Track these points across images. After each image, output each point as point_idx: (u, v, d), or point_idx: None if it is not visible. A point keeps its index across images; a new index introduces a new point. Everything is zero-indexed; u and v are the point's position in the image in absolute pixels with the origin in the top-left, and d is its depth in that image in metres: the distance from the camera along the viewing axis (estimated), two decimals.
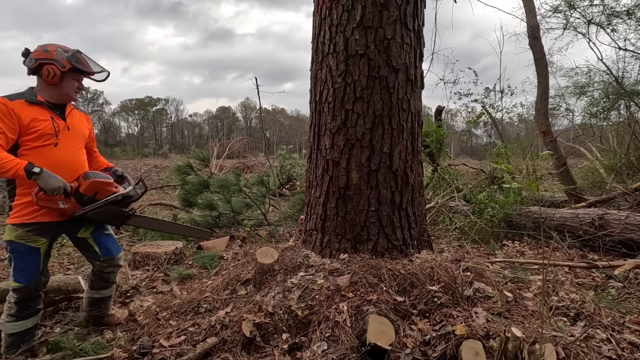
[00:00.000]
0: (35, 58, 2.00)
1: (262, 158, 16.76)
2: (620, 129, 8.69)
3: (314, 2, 2.63)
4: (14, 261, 2.01)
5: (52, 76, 2.00)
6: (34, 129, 1.95)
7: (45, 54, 2.00)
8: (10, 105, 1.90)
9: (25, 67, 2.03)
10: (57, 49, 2.04)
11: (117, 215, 2.21)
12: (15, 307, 2.03)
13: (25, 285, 2.02)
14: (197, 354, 1.85)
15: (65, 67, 2.02)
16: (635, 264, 2.96)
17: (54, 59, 2.00)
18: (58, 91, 2.07)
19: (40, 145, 1.98)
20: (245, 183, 5.65)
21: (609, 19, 7.83)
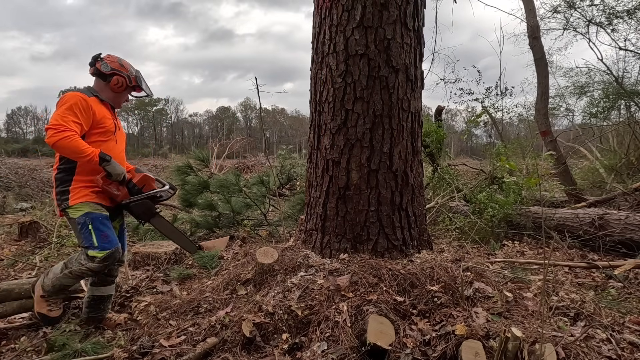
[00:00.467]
0: (111, 66, 2.31)
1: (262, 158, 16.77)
2: (620, 129, 8.69)
3: (314, 2, 2.63)
4: (95, 231, 2.18)
5: (119, 86, 2.33)
6: (103, 125, 2.24)
7: (121, 67, 2.34)
8: (89, 101, 2.17)
9: (92, 67, 2.31)
10: (130, 66, 2.40)
11: (149, 210, 2.44)
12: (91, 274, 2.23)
13: (114, 249, 2.22)
14: (197, 354, 1.85)
15: (131, 83, 2.36)
16: (635, 264, 2.96)
17: (127, 74, 2.35)
18: (115, 98, 2.38)
19: (105, 140, 2.27)
20: (245, 183, 5.65)
21: (609, 19, 7.83)
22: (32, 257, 4.08)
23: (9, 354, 2.16)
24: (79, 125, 2.10)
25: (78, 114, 2.10)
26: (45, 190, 7.66)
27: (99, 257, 2.17)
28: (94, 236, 2.17)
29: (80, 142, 2.05)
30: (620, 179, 6.35)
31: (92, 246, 2.18)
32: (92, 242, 2.18)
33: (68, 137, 2.01)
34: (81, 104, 2.12)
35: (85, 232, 2.18)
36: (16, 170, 8.51)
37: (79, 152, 2.05)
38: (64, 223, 5.02)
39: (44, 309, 2.28)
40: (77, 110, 2.10)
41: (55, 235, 4.54)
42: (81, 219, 2.18)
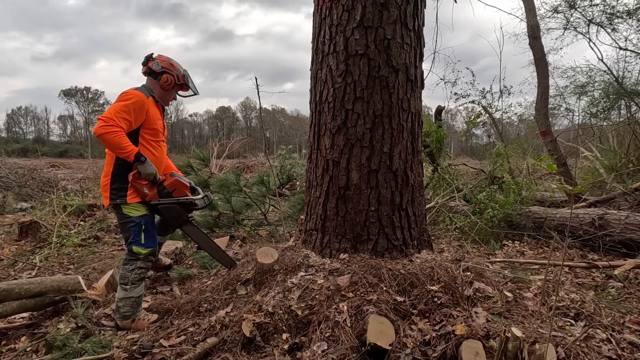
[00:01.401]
0: (162, 65, 2.46)
1: (262, 158, 16.76)
2: (620, 129, 8.69)
3: (314, 2, 2.63)
4: (145, 231, 2.39)
5: (169, 83, 2.47)
6: (153, 127, 2.40)
7: (170, 66, 2.49)
8: (146, 102, 2.32)
9: (144, 66, 2.47)
10: (178, 65, 2.54)
11: (179, 216, 2.52)
12: (146, 270, 2.44)
13: (155, 248, 2.47)
14: (197, 354, 1.85)
15: (179, 81, 2.50)
16: (635, 264, 2.96)
17: (176, 72, 2.49)
18: (164, 96, 2.53)
19: (155, 140, 2.45)
20: (245, 183, 5.65)
21: (610, 18, 7.83)
22: (32, 257, 4.08)
23: (9, 354, 2.16)
24: (128, 122, 2.24)
25: (132, 112, 2.25)
26: (45, 190, 7.66)
27: (144, 253, 2.40)
28: (143, 235, 2.38)
29: (123, 139, 2.18)
30: (620, 179, 6.34)
31: (139, 243, 2.38)
32: (139, 239, 2.38)
33: (113, 133, 2.15)
34: (138, 105, 2.27)
35: (136, 230, 2.37)
36: (16, 170, 8.50)
37: (119, 148, 2.19)
38: (64, 223, 5.02)
39: (145, 323, 2.33)
40: (133, 109, 2.25)
41: (55, 235, 4.54)
42: (137, 219, 2.37)
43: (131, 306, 2.35)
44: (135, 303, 2.38)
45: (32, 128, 69.93)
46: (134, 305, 2.36)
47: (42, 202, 6.47)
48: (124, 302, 2.35)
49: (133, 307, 2.36)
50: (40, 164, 13.75)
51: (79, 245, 4.43)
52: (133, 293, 2.36)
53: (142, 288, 2.43)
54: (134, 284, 2.37)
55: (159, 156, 2.49)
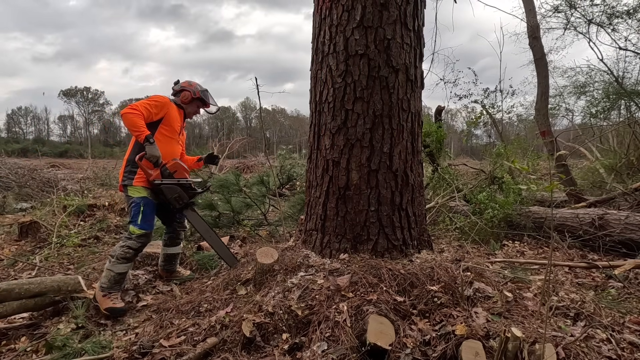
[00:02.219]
0: (182, 85, 3.03)
1: (262, 158, 16.76)
2: (620, 129, 8.68)
3: (314, 2, 2.63)
4: (143, 213, 2.68)
5: (186, 98, 3.00)
6: (171, 125, 2.85)
7: (188, 85, 3.04)
8: (168, 104, 2.84)
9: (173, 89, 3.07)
10: (196, 85, 3.06)
11: (181, 198, 2.83)
12: (134, 252, 2.66)
13: (149, 232, 2.73)
14: (197, 354, 1.85)
15: (195, 95, 3.02)
16: (635, 264, 2.96)
17: (192, 89, 3.02)
18: (185, 109, 3.04)
19: (169, 136, 2.87)
20: (245, 183, 5.65)
21: (610, 18, 7.83)
22: (32, 257, 4.08)
23: (9, 354, 2.16)
24: (149, 112, 2.68)
25: (154, 106, 2.72)
26: (45, 191, 7.66)
27: (137, 233, 2.67)
28: (140, 216, 2.67)
29: (140, 121, 2.59)
30: (620, 179, 6.34)
31: (135, 223, 2.67)
32: (137, 220, 2.67)
33: (133, 114, 2.58)
34: (161, 102, 2.78)
35: (135, 210, 2.68)
36: (16, 170, 8.50)
37: (135, 126, 2.57)
38: (64, 223, 5.02)
39: (109, 304, 2.49)
40: (155, 103, 2.74)
41: (55, 235, 4.54)
42: (138, 199, 2.70)
43: (108, 280, 2.58)
44: (114, 279, 2.59)
45: (32, 128, 69.96)
46: (112, 281, 2.58)
47: (42, 202, 6.47)
48: (105, 272, 2.61)
49: (110, 281, 2.58)
50: (40, 164, 13.75)
51: (79, 246, 4.43)
52: (114, 268, 2.60)
53: (125, 267, 2.65)
54: (118, 259, 2.61)
55: (171, 148, 2.89)
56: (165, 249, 3.15)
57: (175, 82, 3.10)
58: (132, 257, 2.68)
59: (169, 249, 3.15)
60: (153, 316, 2.44)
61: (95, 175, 9.61)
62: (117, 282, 2.62)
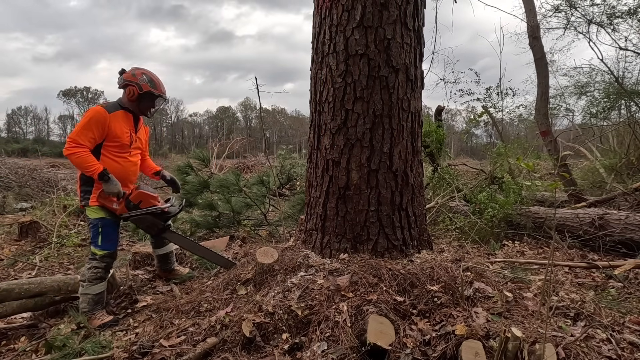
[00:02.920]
0: (124, 79, 2.59)
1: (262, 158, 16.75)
2: (620, 129, 8.68)
3: (314, 2, 2.63)
4: (102, 234, 2.53)
5: (132, 95, 2.57)
6: (117, 140, 2.52)
7: (133, 77, 2.58)
8: (107, 117, 2.46)
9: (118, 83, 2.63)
10: (142, 75, 2.60)
11: (154, 225, 2.72)
12: (102, 270, 2.54)
13: (113, 251, 2.59)
14: (197, 354, 1.85)
15: (142, 90, 2.57)
16: (635, 264, 2.96)
17: (137, 82, 2.57)
18: (135, 107, 2.63)
19: (120, 152, 2.57)
20: (245, 183, 5.65)
21: (610, 18, 7.82)
22: (32, 257, 4.08)
23: (9, 354, 2.16)
24: (92, 138, 2.43)
25: (93, 128, 2.42)
26: (45, 190, 7.66)
27: (99, 254, 2.54)
28: (100, 237, 2.54)
29: (87, 159, 2.38)
30: (620, 179, 6.34)
31: (95, 244, 2.54)
32: (97, 241, 2.54)
33: (77, 154, 2.36)
34: (96, 120, 2.43)
35: (94, 231, 2.55)
36: (16, 170, 8.50)
37: (84, 168, 2.40)
38: (64, 223, 5.03)
39: (97, 323, 2.42)
40: (93, 124, 2.42)
41: (55, 235, 4.54)
42: (95, 220, 2.54)
43: (88, 303, 2.50)
44: (92, 300, 2.51)
45: (32, 128, 69.96)
46: (91, 303, 2.50)
47: (42, 202, 6.47)
48: (82, 297, 2.52)
49: (89, 304, 2.50)
50: (40, 164, 13.74)
51: (79, 245, 4.43)
52: (89, 290, 2.51)
53: (99, 287, 2.55)
54: (90, 281, 2.51)
55: (126, 166, 2.63)
56: (155, 250, 3.10)
57: (119, 71, 2.64)
58: (104, 275, 2.57)
59: (159, 251, 3.09)
60: (153, 316, 2.44)
61: None
62: (98, 302, 2.53)
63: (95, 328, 2.38)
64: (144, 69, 2.65)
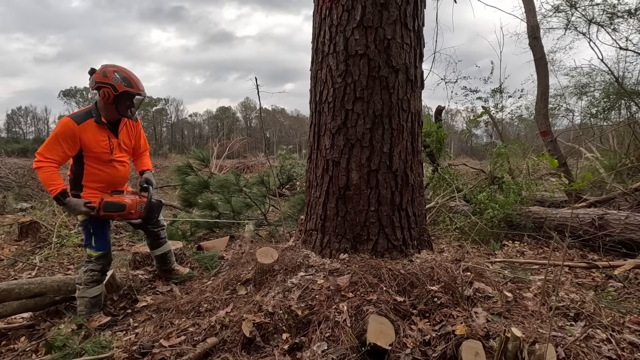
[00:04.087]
0: (95, 81, 2.39)
1: (262, 158, 16.75)
2: (620, 129, 8.68)
3: (314, 2, 2.63)
4: (94, 234, 2.49)
5: (107, 97, 2.40)
6: (93, 151, 2.41)
7: (104, 78, 2.38)
8: (75, 129, 2.33)
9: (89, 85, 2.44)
10: (114, 74, 2.40)
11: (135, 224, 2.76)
12: (99, 273, 2.51)
13: (106, 252, 2.55)
14: (197, 354, 1.85)
15: (118, 91, 2.39)
16: (635, 264, 2.96)
17: (111, 83, 2.38)
18: (110, 110, 2.46)
19: (101, 162, 2.47)
20: (245, 183, 5.66)
21: (611, 18, 7.82)
22: (32, 257, 4.08)
23: (9, 354, 2.16)
24: (62, 152, 2.33)
25: (62, 142, 2.32)
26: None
27: (94, 255, 2.50)
28: (93, 238, 2.50)
29: (50, 177, 2.29)
30: (620, 179, 6.34)
31: (90, 245, 2.51)
32: (90, 242, 2.51)
33: (42, 169, 2.29)
34: (65, 133, 2.31)
35: (86, 233, 2.51)
36: (16, 170, 8.51)
37: (46, 185, 2.33)
38: (64, 223, 5.03)
39: (95, 325, 2.40)
40: (61, 138, 2.31)
41: (55, 235, 4.54)
42: (84, 222, 2.49)
43: (85, 305, 2.48)
44: (89, 303, 2.48)
45: (32, 128, 69.99)
46: (88, 305, 2.48)
47: (42, 202, 6.47)
48: (79, 300, 2.50)
49: (87, 306, 2.48)
50: None
51: (79, 245, 4.43)
52: (86, 293, 2.48)
53: (96, 290, 2.51)
54: (86, 284, 2.48)
55: (111, 173, 2.54)
56: (153, 252, 3.06)
57: (89, 71, 2.44)
58: (100, 278, 2.54)
59: (156, 251, 3.06)
60: (153, 316, 2.44)
61: None
62: (95, 305, 2.51)
63: (94, 329, 2.37)
64: (117, 65, 2.45)
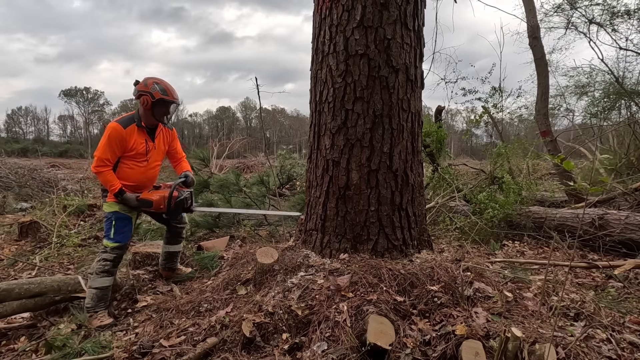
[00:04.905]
0: (138, 89, 2.73)
1: (262, 158, 16.76)
2: (621, 129, 8.68)
3: (314, 2, 2.63)
4: (115, 226, 2.69)
5: (146, 104, 2.71)
6: (134, 150, 2.71)
7: (144, 87, 2.71)
8: (123, 133, 2.63)
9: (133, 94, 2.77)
10: (153, 84, 2.73)
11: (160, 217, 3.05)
12: (111, 264, 2.65)
13: (123, 244, 2.73)
14: (197, 354, 1.85)
15: (155, 98, 2.70)
16: (635, 264, 2.96)
17: (149, 91, 2.70)
18: (148, 116, 2.76)
19: (136, 162, 2.76)
20: (245, 183, 5.65)
21: (611, 18, 7.82)
22: (32, 257, 4.08)
23: (9, 354, 2.16)
24: (114, 154, 2.65)
25: (113, 145, 2.62)
26: (45, 191, 7.66)
27: (110, 246, 2.67)
28: (112, 230, 2.69)
29: (110, 177, 2.63)
30: (620, 179, 6.34)
31: (108, 237, 2.70)
32: (109, 234, 2.70)
33: (102, 173, 2.62)
34: (115, 136, 2.62)
35: (107, 224, 2.72)
36: (16, 170, 8.50)
37: (107, 185, 2.66)
38: (64, 223, 5.03)
39: (97, 323, 2.46)
40: (112, 141, 2.61)
41: (55, 235, 4.54)
42: (109, 214, 2.72)
43: (92, 298, 2.57)
44: (96, 296, 2.58)
45: (32, 128, 69.98)
46: (95, 299, 2.57)
47: (42, 202, 6.47)
48: (88, 292, 2.62)
49: (93, 299, 2.57)
50: (40, 164, 13.75)
51: (79, 245, 4.43)
52: (94, 283, 2.60)
53: (105, 281, 2.63)
54: (97, 274, 2.62)
55: (141, 172, 2.81)
56: (167, 247, 3.17)
57: (134, 83, 2.80)
58: (110, 270, 2.65)
59: (170, 247, 3.17)
60: (153, 316, 2.45)
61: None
62: (101, 299, 2.59)
63: (94, 328, 2.39)
64: (157, 77, 2.79)
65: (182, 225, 3.19)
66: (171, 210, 2.85)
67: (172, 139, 3.08)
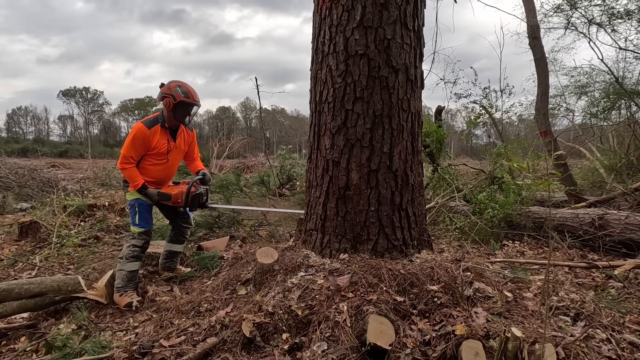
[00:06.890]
0: (162, 92, 2.92)
1: (262, 158, 16.75)
2: (620, 129, 8.68)
3: (314, 2, 2.63)
4: (139, 212, 2.93)
5: (168, 106, 2.90)
6: (156, 149, 2.92)
7: (168, 90, 2.91)
8: (147, 133, 2.85)
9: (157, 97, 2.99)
10: (176, 87, 2.91)
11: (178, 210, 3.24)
12: (139, 249, 2.91)
13: (148, 229, 2.98)
14: (197, 354, 1.85)
15: (176, 100, 2.89)
16: (635, 264, 2.96)
17: (172, 94, 2.88)
18: (171, 117, 2.96)
19: (157, 160, 2.97)
20: (245, 183, 5.66)
21: (610, 18, 7.82)
22: (32, 257, 4.08)
23: (9, 354, 2.16)
24: (139, 152, 2.87)
25: (137, 145, 2.84)
26: (45, 191, 7.66)
27: (137, 232, 2.93)
28: (137, 216, 2.92)
29: (134, 174, 2.86)
30: (620, 179, 6.34)
31: (134, 223, 2.94)
32: (135, 220, 2.93)
33: (127, 169, 2.85)
34: (139, 136, 2.83)
35: (132, 211, 2.95)
36: (16, 170, 8.50)
37: (131, 181, 2.88)
38: (64, 223, 5.02)
39: (126, 300, 2.70)
40: (136, 141, 2.83)
41: (55, 235, 4.54)
42: (132, 201, 2.95)
43: (122, 279, 2.81)
44: (126, 277, 2.82)
45: (32, 128, 69.98)
46: (124, 279, 2.81)
47: (42, 202, 6.47)
48: (118, 274, 2.83)
49: (124, 280, 2.80)
50: (40, 164, 13.75)
51: (79, 246, 4.43)
52: (125, 267, 2.84)
53: (135, 265, 2.88)
54: (127, 259, 2.85)
55: (162, 169, 3.03)
56: (169, 245, 3.27)
57: (159, 85, 2.99)
58: (139, 255, 2.90)
59: (173, 246, 3.27)
60: (153, 316, 2.45)
61: (95, 175, 9.61)
62: (130, 280, 2.82)
63: (123, 306, 2.65)
64: (180, 81, 2.97)
65: (187, 225, 3.31)
66: (188, 204, 3.05)
67: (192, 140, 3.30)
